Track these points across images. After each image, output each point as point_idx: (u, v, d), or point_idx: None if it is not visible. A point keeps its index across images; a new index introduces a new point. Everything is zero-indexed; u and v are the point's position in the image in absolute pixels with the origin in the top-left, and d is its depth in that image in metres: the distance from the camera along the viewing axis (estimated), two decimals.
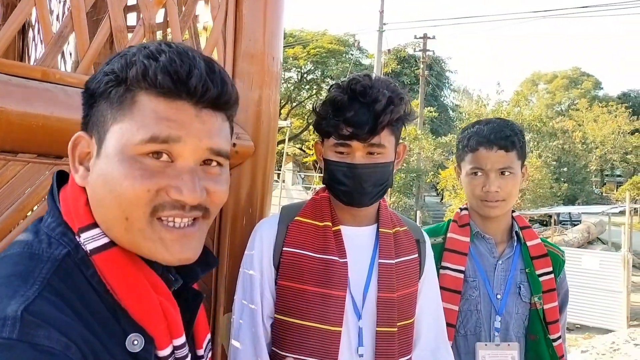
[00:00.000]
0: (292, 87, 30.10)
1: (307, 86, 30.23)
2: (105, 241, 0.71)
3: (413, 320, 1.37)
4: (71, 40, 2.09)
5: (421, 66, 25.23)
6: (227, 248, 1.52)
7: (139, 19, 1.32)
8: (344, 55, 29.34)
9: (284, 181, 17.88)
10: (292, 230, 1.32)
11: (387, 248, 1.34)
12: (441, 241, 1.64)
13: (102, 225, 0.72)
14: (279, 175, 17.36)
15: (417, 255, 1.40)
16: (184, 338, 0.75)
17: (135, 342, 0.69)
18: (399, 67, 31.31)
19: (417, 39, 25.96)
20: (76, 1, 1.15)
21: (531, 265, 1.61)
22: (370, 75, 1.30)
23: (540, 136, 22.71)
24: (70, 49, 2.38)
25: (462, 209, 1.70)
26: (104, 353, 0.65)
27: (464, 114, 24.80)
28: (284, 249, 1.30)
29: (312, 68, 29.56)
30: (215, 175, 0.74)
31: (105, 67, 0.72)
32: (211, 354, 0.91)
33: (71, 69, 2.27)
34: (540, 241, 1.66)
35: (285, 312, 1.28)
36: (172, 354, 0.74)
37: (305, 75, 30.21)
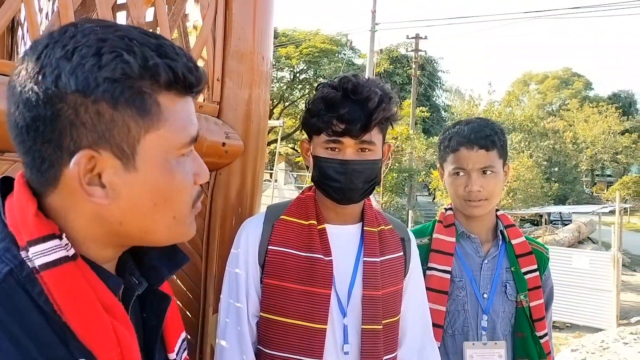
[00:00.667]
0: (284, 87, 30.04)
1: (300, 86, 30.15)
2: (58, 256, 0.63)
3: (398, 318, 1.38)
4: None
5: (413, 66, 25.23)
6: (217, 248, 1.52)
7: (128, 17, 1.32)
8: (337, 55, 29.30)
9: (276, 180, 17.85)
10: (278, 229, 1.33)
11: (372, 246, 1.35)
12: (427, 242, 1.64)
13: (140, 235, 0.70)
14: (272, 174, 17.34)
15: (402, 254, 1.42)
16: None
17: None
18: (391, 67, 31.34)
19: (409, 39, 25.94)
20: None
21: (516, 264, 1.62)
22: (359, 75, 1.32)
23: (532, 136, 22.85)
24: None
25: (446, 209, 1.71)
26: None
27: (455, 114, 24.87)
28: (269, 247, 1.31)
29: (305, 68, 29.48)
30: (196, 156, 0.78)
31: (99, 72, 0.61)
32: (187, 353, 0.88)
33: None
34: (525, 239, 1.67)
35: (270, 310, 1.28)
36: None
37: (298, 75, 30.13)
